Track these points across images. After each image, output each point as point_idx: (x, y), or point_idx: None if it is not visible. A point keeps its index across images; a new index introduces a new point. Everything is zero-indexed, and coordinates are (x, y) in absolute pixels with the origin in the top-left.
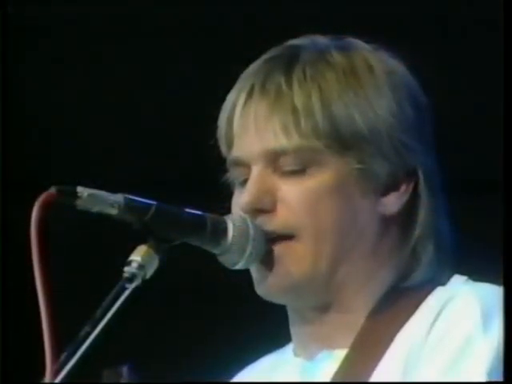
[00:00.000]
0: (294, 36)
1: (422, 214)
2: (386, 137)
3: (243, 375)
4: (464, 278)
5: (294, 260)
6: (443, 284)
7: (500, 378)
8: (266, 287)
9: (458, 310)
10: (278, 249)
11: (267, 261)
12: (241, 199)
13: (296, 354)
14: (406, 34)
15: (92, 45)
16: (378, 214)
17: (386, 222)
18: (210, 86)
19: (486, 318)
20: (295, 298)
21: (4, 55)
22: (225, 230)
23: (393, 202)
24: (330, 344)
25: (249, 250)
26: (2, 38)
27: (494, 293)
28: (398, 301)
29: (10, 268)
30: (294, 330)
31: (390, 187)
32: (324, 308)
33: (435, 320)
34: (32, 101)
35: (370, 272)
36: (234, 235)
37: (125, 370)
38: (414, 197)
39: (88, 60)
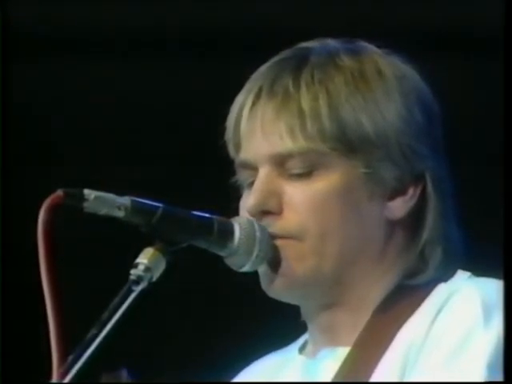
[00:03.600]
0: (305, 39)
1: (430, 219)
2: (393, 141)
3: (247, 373)
4: (467, 273)
5: (299, 259)
6: (446, 280)
7: (500, 373)
8: (273, 286)
9: (459, 305)
10: (284, 248)
11: (273, 261)
12: (247, 201)
13: (301, 352)
14: (418, 38)
15: (93, 45)
16: (384, 218)
17: (393, 226)
18: (220, 86)
19: (486, 312)
20: (301, 297)
21: (4, 55)
22: (231, 233)
23: (400, 207)
24: (333, 342)
25: (255, 252)
26: (2, 39)
27: (495, 287)
28: (402, 299)
29: (13, 269)
30: (309, 331)
31: (398, 191)
32: (332, 308)
33: (437, 315)
34: (32, 101)
35: (377, 275)
36: (240, 238)
37: (123, 373)
38: (422, 201)
39: (89, 60)
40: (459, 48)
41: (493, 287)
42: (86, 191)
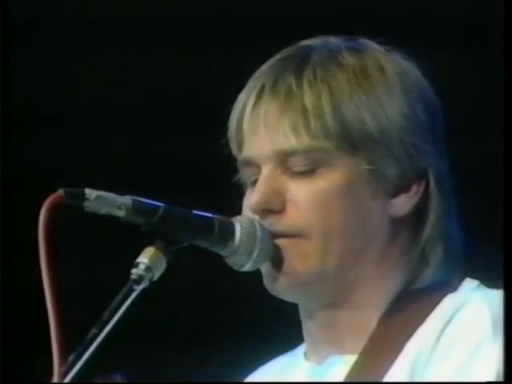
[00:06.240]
0: (307, 36)
1: (432, 216)
2: (396, 138)
3: (254, 377)
4: (476, 282)
5: (302, 257)
6: (454, 288)
7: None
8: (275, 285)
9: (469, 317)
10: (287, 247)
11: (276, 259)
12: (250, 199)
13: (307, 358)
14: (420, 35)
15: (93, 44)
16: (387, 216)
17: (396, 223)
18: (222, 85)
19: (496, 325)
20: (304, 296)
21: (4, 55)
22: (232, 232)
23: (403, 203)
24: (340, 348)
25: (256, 251)
26: (2, 38)
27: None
28: (408, 306)
29: (14, 269)
30: (306, 332)
31: (401, 189)
32: (335, 309)
33: (445, 326)
34: (32, 99)
35: (381, 273)
36: (241, 237)
37: (118, 377)
38: (425, 199)
39: (89, 58)
40: (459, 44)
41: (501, 299)
42: (87, 190)
